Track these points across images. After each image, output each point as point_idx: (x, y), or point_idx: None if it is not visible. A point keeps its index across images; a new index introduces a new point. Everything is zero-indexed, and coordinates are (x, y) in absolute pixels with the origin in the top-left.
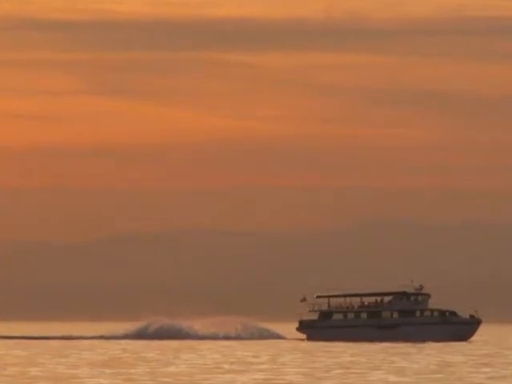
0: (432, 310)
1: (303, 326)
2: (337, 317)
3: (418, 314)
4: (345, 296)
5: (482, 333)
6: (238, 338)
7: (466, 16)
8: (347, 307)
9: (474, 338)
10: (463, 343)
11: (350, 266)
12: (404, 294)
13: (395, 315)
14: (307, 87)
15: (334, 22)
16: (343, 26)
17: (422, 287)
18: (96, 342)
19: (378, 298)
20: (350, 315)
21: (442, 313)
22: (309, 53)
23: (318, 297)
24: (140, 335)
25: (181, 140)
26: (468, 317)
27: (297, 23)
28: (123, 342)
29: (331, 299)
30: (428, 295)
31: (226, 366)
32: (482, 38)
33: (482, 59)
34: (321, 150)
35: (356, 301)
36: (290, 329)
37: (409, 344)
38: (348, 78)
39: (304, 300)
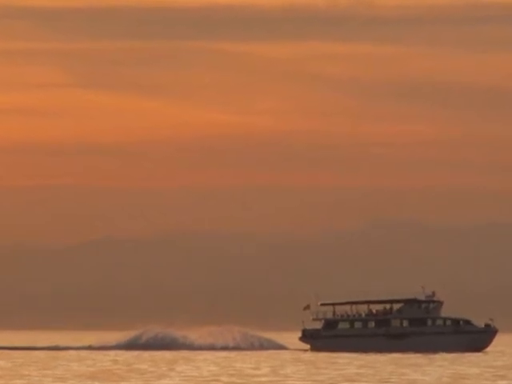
0: (445, 319)
1: (307, 336)
2: (343, 326)
3: (429, 322)
4: (351, 303)
5: (498, 343)
6: (236, 348)
7: (476, 4)
8: (354, 315)
9: (490, 348)
10: (478, 354)
11: (356, 271)
12: (415, 301)
13: (405, 324)
14: (307, 79)
15: (337, 10)
16: (346, 14)
17: (434, 294)
18: (84, 352)
19: (387, 306)
20: (357, 324)
21: (456, 321)
22: (309, 42)
23: (322, 304)
24: (132, 345)
25: (178, 137)
26: (483, 326)
27: (297, 11)
28: (114, 352)
29: (336, 307)
30: (440, 302)
31: (225, 379)
32: (493, 26)
33: (493, 49)
34: (321, 146)
35: (363, 308)
36: (292, 338)
37: (420, 355)
38: (351, 69)
39: (307, 308)
